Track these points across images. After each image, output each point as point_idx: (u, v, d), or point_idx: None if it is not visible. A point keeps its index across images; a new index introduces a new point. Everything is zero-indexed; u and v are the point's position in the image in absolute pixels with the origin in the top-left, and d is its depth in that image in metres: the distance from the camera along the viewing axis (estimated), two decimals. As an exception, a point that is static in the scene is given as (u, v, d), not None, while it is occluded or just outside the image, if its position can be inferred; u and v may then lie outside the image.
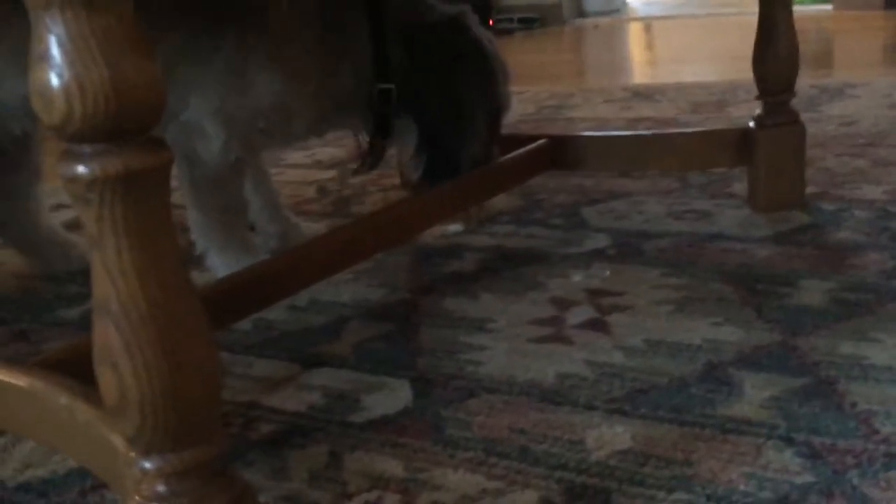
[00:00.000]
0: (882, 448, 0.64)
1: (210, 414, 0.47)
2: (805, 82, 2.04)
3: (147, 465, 0.46)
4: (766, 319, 0.86)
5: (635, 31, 4.09)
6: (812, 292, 0.91)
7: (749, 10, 1.18)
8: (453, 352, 0.86)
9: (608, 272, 1.02)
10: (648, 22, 4.36)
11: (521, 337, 0.88)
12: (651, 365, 0.79)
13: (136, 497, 0.47)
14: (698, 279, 0.98)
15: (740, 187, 1.28)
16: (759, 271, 0.98)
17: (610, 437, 0.69)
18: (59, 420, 0.58)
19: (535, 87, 2.46)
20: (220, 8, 0.96)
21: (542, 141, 1.27)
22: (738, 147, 1.21)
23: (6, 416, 0.65)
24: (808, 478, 0.61)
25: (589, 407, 0.73)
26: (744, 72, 1.19)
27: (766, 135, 1.17)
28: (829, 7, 3.83)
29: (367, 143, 1.11)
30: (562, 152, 1.29)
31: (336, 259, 0.96)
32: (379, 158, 1.13)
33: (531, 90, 2.41)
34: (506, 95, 1.14)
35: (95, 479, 0.69)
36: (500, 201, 1.30)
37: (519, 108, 2.13)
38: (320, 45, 1.01)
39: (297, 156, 1.82)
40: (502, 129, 1.18)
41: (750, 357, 0.79)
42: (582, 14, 4.67)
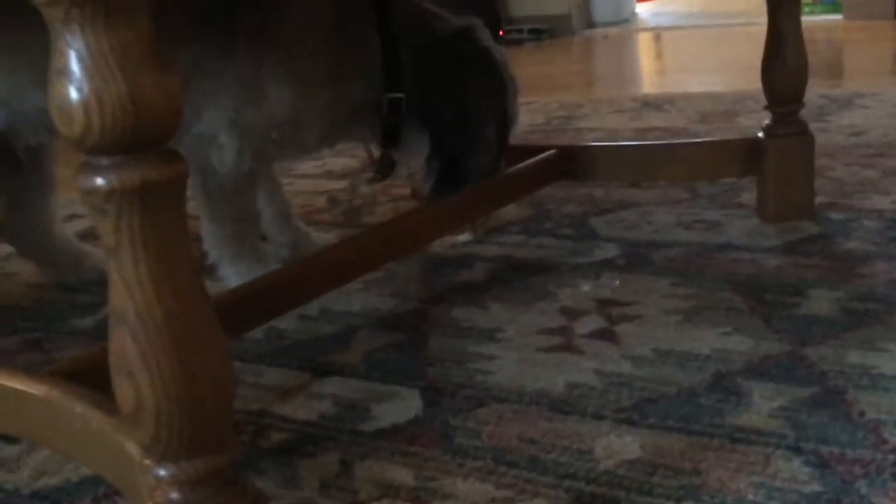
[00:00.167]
0: (891, 458, 0.64)
1: (223, 422, 0.47)
2: (814, 92, 2.04)
3: (161, 472, 0.47)
4: (775, 329, 0.86)
5: (644, 42, 4.10)
6: (821, 302, 0.91)
7: (758, 20, 1.18)
8: (463, 361, 0.86)
9: (617, 282, 1.03)
10: (658, 32, 4.36)
11: (530, 346, 0.88)
12: (660, 374, 0.80)
13: (150, 504, 0.48)
14: (707, 289, 0.98)
15: (749, 197, 1.29)
16: (767, 281, 0.98)
17: (618, 446, 0.69)
18: (73, 428, 0.59)
19: (545, 98, 2.46)
20: (233, 20, 0.97)
21: (551, 151, 1.28)
22: (746, 157, 1.21)
23: (21, 424, 0.66)
24: (816, 487, 0.61)
25: (598, 416, 0.74)
26: (753, 82, 1.19)
27: (775, 145, 1.17)
28: (839, 17, 3.83)
29: (380, 153, 1.12)
30: (571, 163, 1.29)
31: (347, 269, 0.97)
32: (390, 168, 1.14)
33: (541, 101, 2.41)
34: (514, 108, 1.14)
35: (109, 487, 0.70)
36: (509, 211, 1.31)
37: (528, 118, 2.13)
38: (332, 56, 1.02)
39: (307, 166, 1.83)
40: (511, 142, 1.18)
41: (759, 367, 0.79)
42: (591, 25, 4.67)
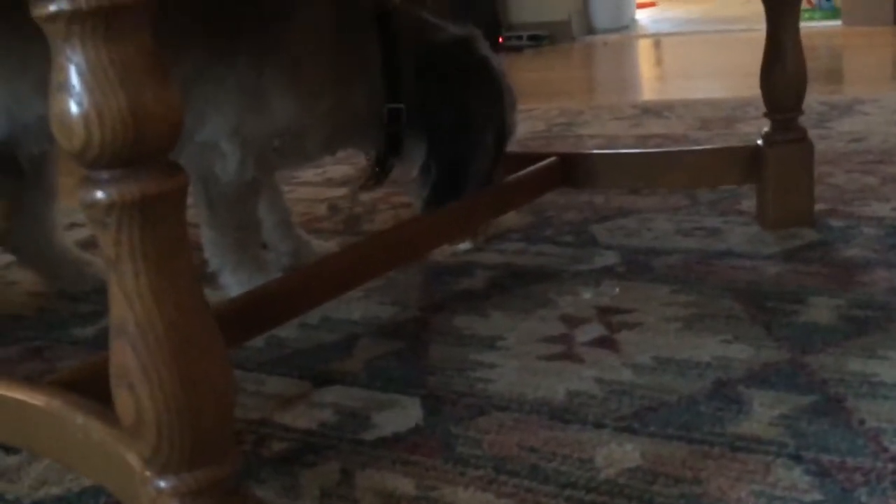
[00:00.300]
0: (891, 466, 0.64)
1: (224, 433, 0.47)
2: (814, 98, 2.04)
3: (162, 484, 0.47)
4: (775, 337, 0.86)
5: (644, 48, 4.10)
6: (821, 309, 0.92)
7: (757, 26, 1.19)
8: (463, 369, 0.87)
9: (617, 289, 1.03)
10: (658, 38, 4.37)
11: (530, 354, 0.88)
12: (660, 382, 0.80)
13: (151, 515, 0.48)
14: (707, 296, 0.98)
15: (749, 204, 1.29)
16: (768, 288, 0.99)
17: (619, 455, 0.69)
18: (74, 438, 0.59)
19: (545, 105, 2.47)
20: (236, 28, 0.97)
21: (551, 159, 1.28)
22: (746, 164, 1.21)
23: (22, 434, 0.66)
24: (816, 496, 0.61)
25: (598, 425, 0.74)
26: (753, 88, 1.19)
27: (775, 152, 1.17)
28: (839, 23, 3.84)
29: (377, 160, 1.12)
30: (572, 170, 1.29)
31: (347, 277, 0.97)
32: (386, 175, 1.14)
33: (541, 107, 2.42)
34: (512, 117, 1.14)
35: (110, 498, 0.70)
36: (509, 219, 1.31)
37: (529, 125, 2.14)
38: (334, 64, 1.02)
39: (308, 173, 1.83)
40: (510, 149, 1.19)
41: (759, 374, 0.79)
42: (591, 31, 4.69)
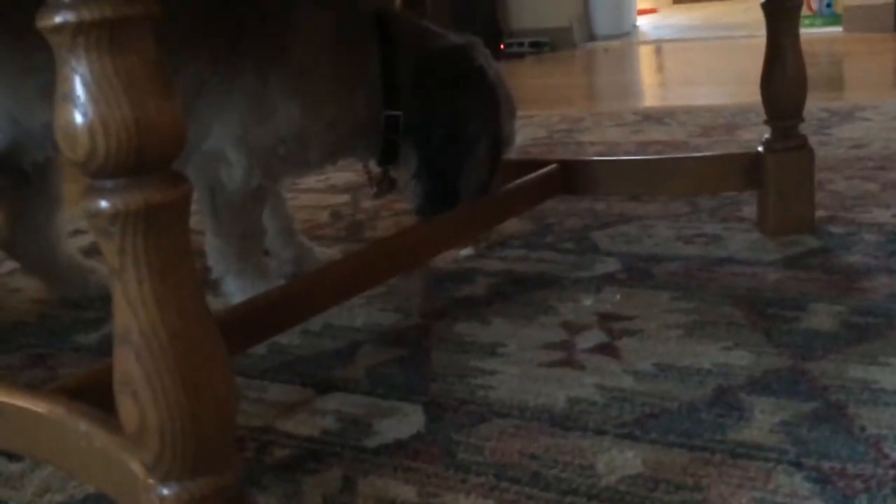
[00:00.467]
0: (891, 473, 0.64)
1: (226, 441, 0.48)
2: (815, 105, 2.05)
3: (165, 491, 0.47)
4: (776, 344, 0.87)
5: (645, 55, 4.11)
6: (822, 316, 0.92)
7: (758, 32, 1.19)
8: (465, 376, 0.87)
9: (618, 296, 1.03)
10: (659, 45, 4.38)
11: (532, 361, 0.89)
12: (661, 389, 0.80)
13: (154, 522, 0.48)
14: (708, 303, 0.98)
15: (750, 211, 1.29)
16: (768, 295, 0.99)
17: (620, 462, 0.69)
18: (77, 446, 0.59)
19: (546, 111, 2.47)
20: (240, 37, 0.98)
21: (552, 166, 1.29)
22: (747, 171, 1.22)
23: (25, 442, 0.67)
24: (817, 503, 0.61)
25: (599, 432, 0.74)
26: (754, 94, 1.20)
27: (775, 159, 1.18)
28: (839, 29, 3.85)
29: (380, 169, 1.12)
30: (572, 177, 1.30)
31: (349, 284, 0.98)
32: (390, 187, 1.14)
33: (542, 114, 2.42)
34: (510, 126, 1.13)
35: (113, 504, 0.70)
36: (510, 225, 1.31)
37: (530, 132, 2.14)
38: (337, 72, 1.02)
39: (310, 180, 1.84)
40: (510, 156, 1.18)
41: (760, 381, 0.79)
42: (592, 38, 4.70)
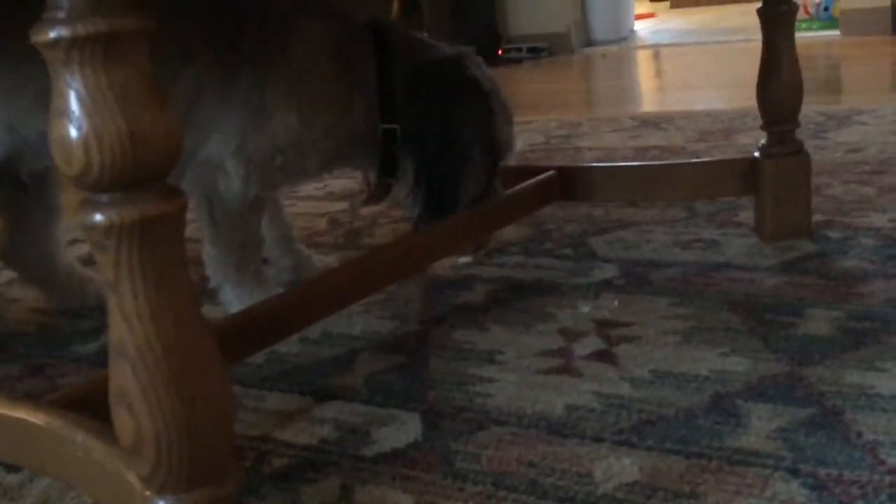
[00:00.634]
0: (888, 479, 0.64)
1: (223, 452, 0.48)
2: (812, 109, 2.05)
3: (162, 503, 0.47)
4: (773, 349, 0.87)
5: (643, 59, 4.12)
6: (818, 321, 0.92)
7: (756, 36, 1.20)
8: (463, 383, 0.87)
9: (616, 303, 1.03)
10: (656, 50, 4.39)
11: (529, 368, 0.89)
12: (658, 396, 0.80)
13: (151, 534, 0.48)
14: (706, 309, 0.98)
15: (747, 215, 1.29)
16: (766, 301, 0.99)
17: (617, 469, 0.69)
18: (75, 457, 0.59)
19: (544, 117, 2.48)
20: (237, 47, 0.98)
21: (550, 172, 1.29)
22: (744, 177, 1.22)
23: (24, 453, 0.67)
24: (814, 509, 0.62)
25: (597, 439, 0.74)
26: (751, 98, 1.20)
27: (772, 164, 1.18)
28: (837, 33, 3.85)
29: (375, 180, 1.13)
30: (570, 183, 1.30)
31: (348, 292, 0.98)
32: (383, 195, 1.14)
33: (540, 119, 2.43)
34: (507, 132, 1.13)
35: (111, 514, 0.70)
36: (508, 232, 1.32)
37: (528, 137, 2.15)
38: (333, 82, 1.03)
39: (308, 187, 1.84)
40: (510, 163, 1.19)
41: (757, 387, 0.80)
42: (590, 43, 4.70)
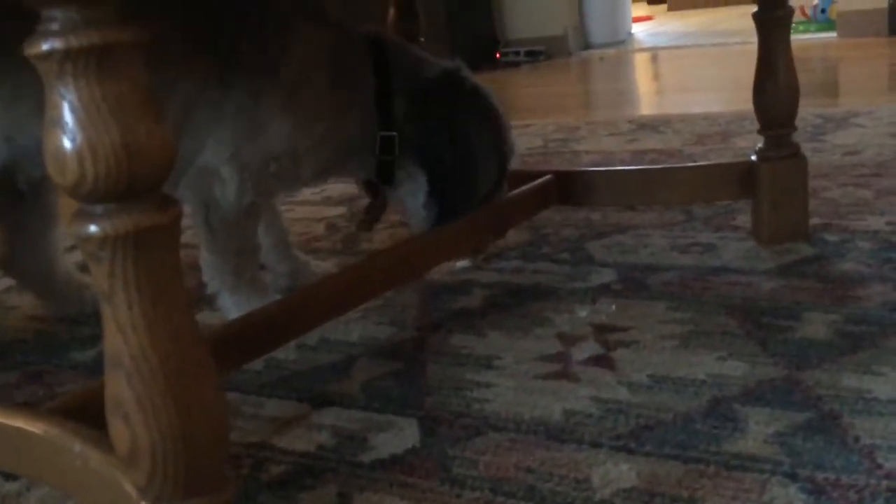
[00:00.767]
0: (885, 483, 0.64)
1: (218, 461, 0.48)
2: (810, 111, 2.06)
3: (158, 512, 0.47)
4: (771, 353, 0.87)
5: (641, 62, 4.12)
6: (816, 325, 0.92)
7: (753, 39, 1.20)
8: (461, 389, 0.87)
9: (614, 307, 1.03)
10: (654, 53, 4.39)
11: (527, 374, 0.89)
12: (656, 401, 0.80)
13: (148, 543, 0.48)
14: (703, 313, 0.98)
15: (744, 219, 1.29)
16: (763, 304, 0.99)
17: (615, 474, 0.69)
18: (72, 466, 0.59)
19: (541, 120, 2.48)
20: (233, 54, 0.98)
21: (547, 176, 1.29)
22: (741, 180, 1.22)
23: (21, 461, 0.67)
24: (811, 514, 0.62)
25: (594, 444, 0.74)
26: (749, 101, 1.20)
27: (769, 168, 1.18)
28: (834, 35, 3.86)
29: (372, 195, 1.13)
30: (568, 187, 1.30)
31: (345, 298, 0.98)
32: (382, 208, 1.15)
33: (537, 122, 2.43)
34: (509, 139, 1.14)
35: (109, 523, 0.70)
36: (506, 236, 1.31)
37: (526, 141, 2.15)
38: (330, 91, 1.03)
39: (306, 192, 1.84)
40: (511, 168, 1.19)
41: (754, 392, 0.80)
42: (587, 46, 4.71)
